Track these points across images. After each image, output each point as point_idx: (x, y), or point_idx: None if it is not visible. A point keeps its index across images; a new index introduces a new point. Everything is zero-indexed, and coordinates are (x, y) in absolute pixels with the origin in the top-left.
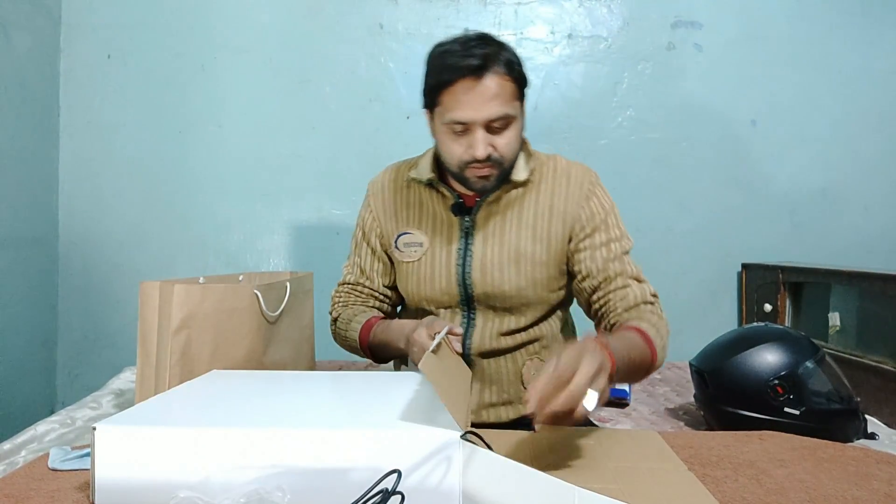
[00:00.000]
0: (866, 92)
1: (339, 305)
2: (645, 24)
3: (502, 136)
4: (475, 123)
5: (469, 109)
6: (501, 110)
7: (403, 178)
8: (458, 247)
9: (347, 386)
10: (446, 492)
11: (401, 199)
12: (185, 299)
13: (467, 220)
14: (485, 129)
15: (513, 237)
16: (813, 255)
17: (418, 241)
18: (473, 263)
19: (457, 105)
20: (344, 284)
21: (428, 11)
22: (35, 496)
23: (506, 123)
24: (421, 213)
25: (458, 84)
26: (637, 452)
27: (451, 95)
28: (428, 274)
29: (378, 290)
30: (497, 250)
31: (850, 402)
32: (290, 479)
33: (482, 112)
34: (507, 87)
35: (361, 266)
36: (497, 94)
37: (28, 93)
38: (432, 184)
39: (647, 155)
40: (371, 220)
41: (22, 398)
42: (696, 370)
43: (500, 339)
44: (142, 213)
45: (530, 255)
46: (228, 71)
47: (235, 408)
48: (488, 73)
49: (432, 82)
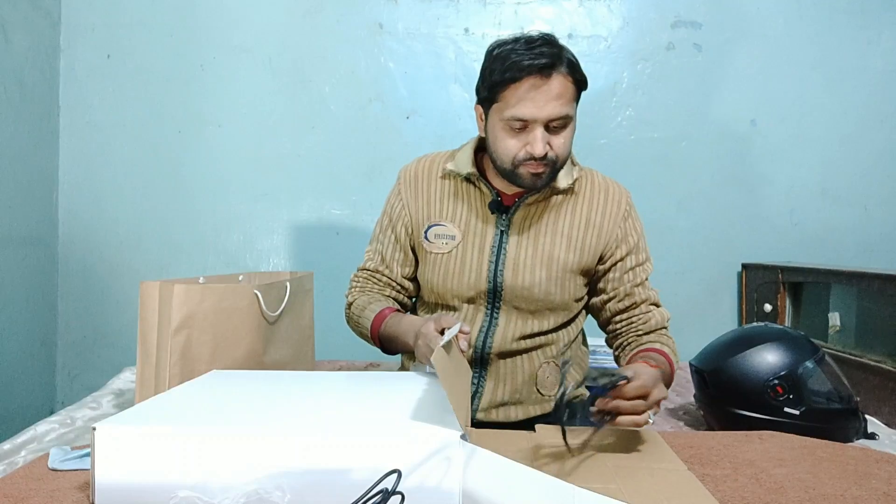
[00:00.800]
0: (866, 91)
1: (356, 290)
2: (644, 24)
3: (559, 137)
4: (536, 121)
5: (533, 107)
6: (563, 110)
7: (440, 168)
8: (492, 244)
9: (347, 386)
10: (446, 492)
11: (435, 189)
12: (185, 299)
13: (504, 218)
14: (544, 127)
15: (547, 242)
16: (813, 255)
17: (451, 234)
18: (507, 262)
19: (520, 102)
20: (363, 270)
21: (428, 11)
22: (35, 496)
23: (564, 124)
24: (456, 205)
25: (524, 82)
26: (637, 452)
27: (515, 92)
28: (457, 268)
29: (396, 279)
30: (531, 252)
31: (850, 401)
32: (290, 479)
33: (545, 111)
34: (570, 89)
35: (383, 253)
36: (560, 94)
37: (27, 92)
38: (471, 178)
39: (646, 154)
40: (400, 207)
41: (22, 398)
42: (696, 370)
43: (520, 340)
44: (141, 213)
45: (563, 261)
46: (228, 71)
47: (235, 408)
48: (555, 73)
49: (496, 78)
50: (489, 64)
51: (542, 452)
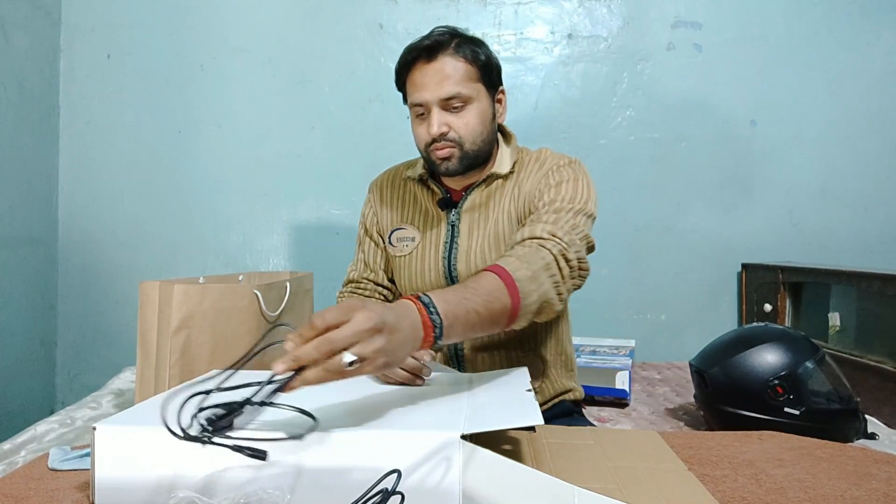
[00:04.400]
0: (866, 91)
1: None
2: (644, 24)
3: (459, 117)
4: (430, 103)
5: (423, 90)
6: (453, 90)
7: (401, 176)
8: (444, 240)
9: (347, 386)
10: (446, 492)
11: (397, 195)
12: (185, 299)
13: (454, 213)
14: (441, 109)
15: (492, 224)
16: (813, 255)
17: (410, 236)
18: (459, 255)
19: (413, 88)
20: (348, 283)
21: (428, 11)
22: (35, 496)
23: (462, 104)
24: (414, 208)
25: (414, 68)
26: (637, 452)
27: (410, 79)
28: (418, 268)
29: (382, 283)
30: (480, 239)
31: (850, 402)
32: (290, 479)
33: (433, 92)
34: (461, 69)
35: (366, 261)
36: (449, 74)
37: (28, 93)
38: (423, 180)
39: (646, 155)
40: (371, 215)
41: (22, 398)
42: (695, 370)
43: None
44: (141, 213)
45: (509, 238)
46: (228, 71)
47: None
48: (440, 55)
49: (397, 69)
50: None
51: (541, 452)
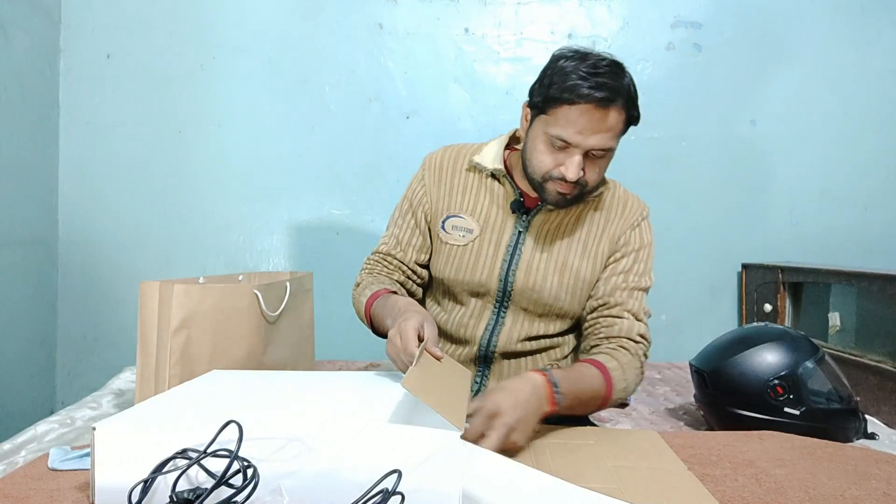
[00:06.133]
0: (866, 91)
1: (365, 272)
2: (644, 24)
3: (596, 165)
4: (579, 147)
5: (580, 134)
6: (609, 143)
7: (465, 160)
8: (508, 243)
9: (347, 386)
10: (446, 492)
11: (458, 181)
12: (185, 299)
13: (524, 219)
14: (584, 154)
15: (563, 248)
16: (813, 255)
17: (469, 227)
18: (520, 263)
19: (568, 125)
20: (376, 253)
21: (428, 11)
22: (35, 496)
23: (604, 154)
24: (477, 199)
25: (578, 107)
26: (637, 452)
27: (567, 114)
28: (471, 262)
29: (408, 263)
30: (545, 256)
31: (850, 401)
32: (290, 479)
33: (590, 140)
34: (621, 124)
35: (399, 237)
36: (611, 128)
37: (27, 93)
38: (496, 175)
39: (646, 154)
40: (422, 193)
41: (22, 398)
42: (696, 370)
43: (525, 342)
44: (141, 214)
45: (575, 269)
46: (227, 71)
47: (235, 408)
48: (612, 107)
49: (553, 94)
50: (550, 73)
51: (541, 452)
